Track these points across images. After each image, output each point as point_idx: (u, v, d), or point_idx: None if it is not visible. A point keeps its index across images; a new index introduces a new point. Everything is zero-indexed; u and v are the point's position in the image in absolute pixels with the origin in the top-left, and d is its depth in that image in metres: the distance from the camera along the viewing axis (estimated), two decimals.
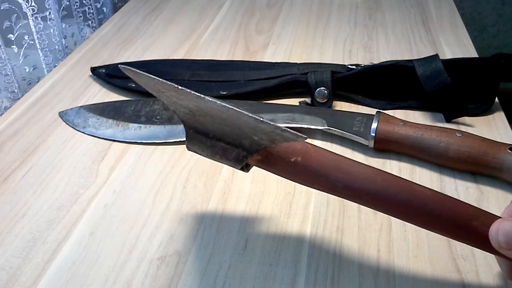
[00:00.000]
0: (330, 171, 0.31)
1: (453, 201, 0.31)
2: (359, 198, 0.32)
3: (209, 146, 0.32)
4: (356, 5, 0.90)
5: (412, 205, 0.31)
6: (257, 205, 0.45)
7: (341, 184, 0.31)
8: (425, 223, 0.32)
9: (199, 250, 0.41)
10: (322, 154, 0.32)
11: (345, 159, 0.32)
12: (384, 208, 0.32)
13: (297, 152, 0.31)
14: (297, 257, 0.40)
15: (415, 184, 0.32)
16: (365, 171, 0.32)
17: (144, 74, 0.32)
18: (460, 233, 0.31)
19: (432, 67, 0.55)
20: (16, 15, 0.71)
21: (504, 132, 0.54)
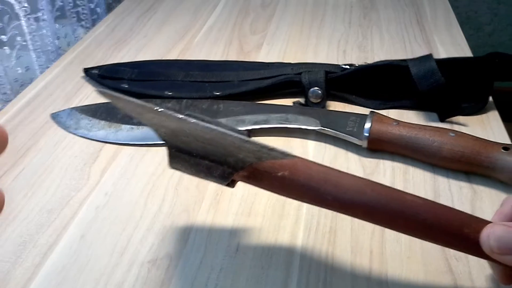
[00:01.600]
0: (319, 184, 0.31)
1: (444, 208, 0.31)
2: (350, 210, 0.31)
3: (192, 164, 0.32)
4: (351, 5, 0.89)
5: (404, 215, 0.30)
6: (250, 206, 0.45)
7: (330, 197, 0.31)
8: (418, 233, 0.31)
9: (190, 253, 0.41)
10: (309, 167, 0.31)
11: (334, 171, 0.32)
12: (376, 219, 0.31)
13: (284, 166, 0.31)
14: (289, 260, 0.40)
15: (406, 194, 0.31)
16: (354, 182, 0.31)
17: (122, 97, 0.31)
18: (452, 241, 0.31)
19: (426, 67, 0.55)
20: (8, 15, 0.70)
21: (497, 132, 0.54)
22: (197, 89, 0.61)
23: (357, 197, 0.31)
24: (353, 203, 0.31)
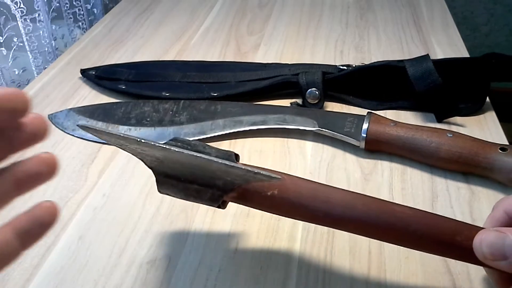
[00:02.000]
0: (308, 201, 0.31)
1: (435, 218, 0.31)
2: (341, 225, 0.32)
3: (181, 189, 0.32)
4: (348, 5, 0.89)
5: (395, 227, 0.31)
6: (248, 207, 0.45)
7: (321, 213, 0.31)
8: (410, 244, 0.32)
9: (189, 254, 0.41)
10: (299, 184, 0.32)
11: (323, 187, 0.32)
12: (367, 233, 0.32)
13: (273, 185, 0.31)
14: (288, 260, 0.40)
15: (395, 205, 0.31)
16: (344, 197, 0.31)
17: (104, 131, 0.32)
18: (446, 250, 0.31)
19: (423, 67, 0.55)
20: (4, 17, 0.70)
21: (495, 132, 0.54)
22: (195, 90, 0.61)
23: (347, 212, 0.31)
24: (343, 218, 0.31)
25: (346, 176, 0.48)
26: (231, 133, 0.53)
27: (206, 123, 0.54)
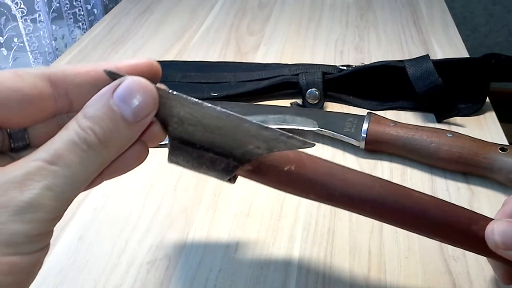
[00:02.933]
0: (325, 179, 0.30)
1: (452, 206, 0.31)
2: (357, 206, 0.31)
3: (195, 157, 0.30)
4: (348, 6, 0.89)
5: (412, 212, 0.30)
6: (248, 207, 0.45)
7: (337, 192, 0.30)
8: (425, 230, 0.31)
9: (189, 254, 0.41)
10: (316, 161, 0.31)
11: (340, 167, 0.31)
12: (383, 216, 0.31)
13: (290, 160, 0.30)
14: (288, 260, 0.40)
15: (413, 190, 0.31)
16: (362, 177, 0.31)
17: None
18: (460, 239, 0.31)
19: (423, 68, 0.55)
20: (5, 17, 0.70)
21: (495, 132, 0.54)
22: (195, 90, 0.61)
23: (365, 192, 0.30)
24: (360, 199, 0.30)
25: None
26: None
27: None
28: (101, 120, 0.22)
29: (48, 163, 0.21)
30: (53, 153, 0.21)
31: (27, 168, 0.21)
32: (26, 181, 0.20)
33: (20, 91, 0.23)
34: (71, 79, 0.24)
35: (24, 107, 0.23)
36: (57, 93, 0.24)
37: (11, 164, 0.21)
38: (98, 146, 0.22)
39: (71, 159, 0.21)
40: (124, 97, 0.22)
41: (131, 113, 0.22)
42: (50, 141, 0.22)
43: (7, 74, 0.23)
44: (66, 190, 0.21)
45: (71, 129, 0.22)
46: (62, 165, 0.21)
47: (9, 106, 0.23)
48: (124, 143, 0.23)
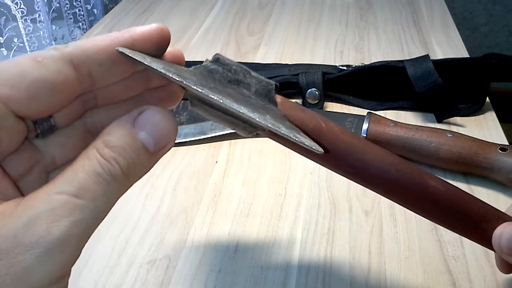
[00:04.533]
0: (342, 156, 0.29)
1: (467, 199, 0.30)
2: (370, 185, 0.30)
3: (215, 115, 0.30)
4: (348, 6, 0.89)
5: (423, 200, 0.30)
6: (248, 207, 0.45)
7: (352, 170, 0.30)
8: (435, 219, 0.30)
9: (189, 254, 0.41)
10: (336, 135, 0.29)
11: (362, 144, 0.30)
12: (394, 199, 0.31)
13: (309, 130, 0.29)
14: (288, 260, 0.40)
15: (430, 178, 0.30)
16: (380, 160, 0.29)
17: (148, 61, 0.29)
18: (467, 233, 0.31)
19: (423, 68, 0.55)
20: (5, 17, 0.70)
21: (495, 132, 0.54)
22: None
23: (379, 175, 0.29)
24: (374, 181, 0.30)
25: None
26: (231, 133, 0.54)
27: (206, 123, 0.54)
28: (124, 150, 0.21)
29: (74, 196, 0.20)
30: (78, 185, 0.20)
31: (52, 202, 0.20)
32: (52, 217, 0.19)
33: (46, 81, 0.21)
34: (92, 58, 0.23)
35: (52, 96, 0.22)
36: (81, 75, 0.23)
37: (32, 196, 0.20)
38: (121, 178, 0.21)
39: (97, 191, 0.20)
40: (146, 126, 0.22)
41: (153, 143, 0.22)
42: (72, 171, 0.20)
43: (26, 62, 0.21)
44: (90, 225, 0.20)
45: (93, 158, 0.21)
46: (88, 198, 0.20)
47: (37, 98, 0.22)
48: (142, 173, 0.23)
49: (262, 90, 0.30)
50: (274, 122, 0.26)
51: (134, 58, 0.23)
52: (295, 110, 0.30)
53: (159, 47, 0.25)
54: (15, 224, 0.19)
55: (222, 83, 0.29)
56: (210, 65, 0.29)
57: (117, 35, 0.24)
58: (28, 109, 0.22)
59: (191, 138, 0.54)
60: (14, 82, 0.21)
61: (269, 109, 0.28)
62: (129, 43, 0.24)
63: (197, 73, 0.28)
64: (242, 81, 0.30)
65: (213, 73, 0.29)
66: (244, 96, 0.29)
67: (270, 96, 0.30)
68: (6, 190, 0.21)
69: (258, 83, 0.30)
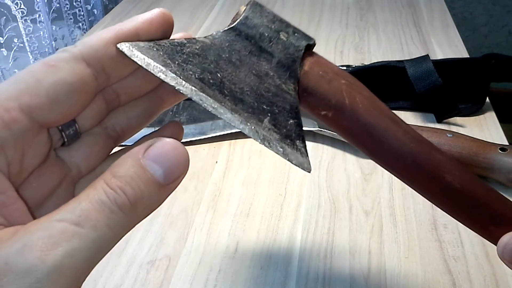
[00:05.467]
0: (360, 136, 0.28)
1: (481, 197, 0.29)
2: (384, 167, 0.30)
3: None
4: (348, 6, 0.90)
5: (435, 192, 0.29)
6: (248, 207, 0.45)
7: (367, 151, 0.29)
8: (445, 209, 0.30)
9: (189, 254, 0.41)
10: (356, 114, 0.28)
11: (383, 124, 0.28)
12: (406, 183, 0.30)
13: (330, 107, 0.28)
14: (288, 260, 0.40)
15: (448, 173, 0.29)
16: (398, 146, 0.28)
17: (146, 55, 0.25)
18: (475, 230, 0.30)
19: (423, 68, 0.55)
20: (5, 17, 0.70)
21: (495, 132, 0.54)
22: None
23: (394, 162, 0.29)
24: (388, 165, 0.29)
25: (346, 176, 0.48)
26: (231, 133, 0.54)
27: (206, 124, 0.54)
28: (132, 180, 0.20)
29: (73, 224, 0.19)
30: (79, 213, 0.19)
31: (50, 229, 0.18)
32: (48, 245, 0.18)
33: (63, 83, 0.21)
34: (103, 52, 0.23)
35: (71, 97, 0.22)
36: (95, 71, 0.23)
37: (33, 222, 0.19)
38: (127, 208, 0.20)
39: (99, 220, 0.19)
40: (157, 158, 0.21)
41: (163, 175, 0.21)
42: (76, 200, 0.20)
43: (40, 69, 0.21)
44: (89, 257, 0.19)
45: (99, 187, 0.20)
46: (88, 227, 0.19)
47: (58, 102, 0.21)
48: (152, 206, 0.22)
49: (285, 60, 0.27)
50: (266, 135, 0.25)
51: (130, 58, 0.23)
52: (320, 82, 0.28)
53: (163, 31, 0.25)
54: (8, 250, 0.18)
55: (240, 58, 0.27)
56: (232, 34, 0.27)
57: (121, 26, 0.24)
58: (51, 115, 0.22)
59: (191, 138, 0.54)
60: (33, 90, 0.21)
61: (278, 99, 0.26)
62: (133, 33, 0.24)
63: (213, 47, 0.26)
64: (265, 50, 0.27)
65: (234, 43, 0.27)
66: (258, 78, 0.27)
67: (292, 69, 0.27)
68: (12, 216, 0.21)
69: (284, 50, 0.27)
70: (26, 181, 0.23)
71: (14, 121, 0.20)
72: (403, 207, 0.45)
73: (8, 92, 0.21)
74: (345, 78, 0.29)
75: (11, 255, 0.18)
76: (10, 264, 0.18)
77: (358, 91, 0.29)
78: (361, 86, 0.29)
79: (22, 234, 0.18)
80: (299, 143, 0.26)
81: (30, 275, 0.18)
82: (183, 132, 0.28)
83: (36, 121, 0.21)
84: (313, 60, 0.28)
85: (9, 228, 0.19)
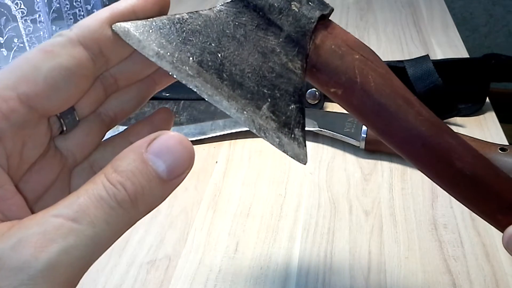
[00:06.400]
0: (369, 116, 0.28)
1: (493, 186, 0.28)
2: (392, 146, 0.29)
3: None
4: (348, 6, 0.89)
5: (443, 178, 0.28)
6: (248, 207, 0.45)
7: (376, 131, 0.28)
8: (451, 193, 0.29)
9: (189, 254, 0.41)
10: (367, 92, 0.27)
11: (392, 107, 0.27)
12: (414, 166, 0.29)
13: (340, 84, 0.27)
14: (288, 260, 0.40)
15: (458, 159, 0.28)
16: (408, 129, 0.27)
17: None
18: (482, 217, 0.30)
19: (423, 68, 0.55)
20: (5, 17, 0.70)
21: (495, 132, 0.54)
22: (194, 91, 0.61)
23: (403, 145, 0.28)
24: (397, 148, 0.28)
25: (346, 176, 0.48)
26: (231, 133, 0.54)
27: (206, 124, 0.54)
28: (133, 175, 0.19)
29: (70, 220, 0.18)
30: (76, 209, 0.18)
31: (46, 225, 0.18)
32: (42, 241, 0.18)
33: (60, 68, 0.21)
34: (100, 33, 0.22)
35: (70, 82, 0.21)
36: (93, 54, 0.22)
37: (29, 217, 0.19)
38: (127, 204, 0.19)
39: (97, 216, 0.18)
40: (160, 152, 0.20)
41: (166, 170, 0.20)
42: (74, 195, 0.19)
43: (36, 55, 0.21)
44: (85, 254, 0.19)
45: (98, 182, 0.19)
46: (85, 223, 0.18)
47: (56, 89, 0.21)
48: (154, 203, 0.21)
49: (295, 34, 0.26)
50: (262, 124, 0.24)
51: (125, 41, 0.22)
52: (331, 57, 0.27)
53: (160, 7, 0.24)
54: (2, 245, 0.17)
55: (245, 32, 0.25)
56: (239, 5, 0.25)
57: (116, 5, 0.23)
58: (50, 103, 0.21)
59: (191, 138, 0.54)
60: (30, 77, 0.20)
61: (282, 81, 0.25)
62: (130, 11, 0.23)
63: (216, 22, 0.25)
64: (274, 23, 0.25)
65: (240, 15, 0.25)
66: (263, 57, 0.25)
67: (302, 44, 0.26)
68: (10, 211, 0.20)
69: (294, 22, 0.26)
70: (26, 174, 0.22)
71: (13, 111, 0.20)
72: (403, 207, 0.45)
73: (4, 81, 0.20)
74: (360, 52, 0.28)
75: (5, 251, 0.17)
76: (4, 260, 0.17)
77: (372, 67, 0.27)
78: (377, 61, 0.28)
79: (18, 229, 0.18)
80: (297, 131, 0.25)
81: (23, 272, 0.17)
82: (173, 119, 0.27)
83: (35, 110, 0.21)
84: (326, 32, 0.27)
85: (5, 223, 0.19)
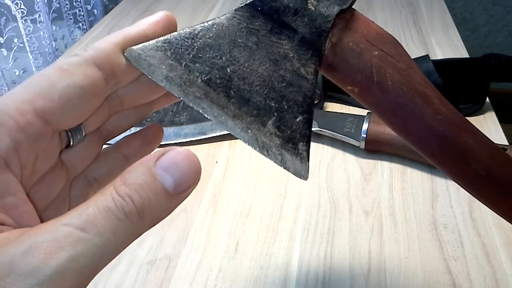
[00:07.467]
0: (385, 113, 0.28)
1: (506, 185, 0.28)
2: (409, 143, 0.29)
3: None
4: None
5: (457, 176, 0.28)
6: (248, 207, 0.45)
7: (393, 128, 0.28)
8: (466, 190, 0.29)
9: (189, 254, 0.41)
10: (383, 93, 0.27)
11: (407, 103, 0.27)
12: (430, 161, 0.29)
13: (357, 82, 0.27)
14: (288, 260, 0.40)
15: (474, 160, 0.27)
16: (424, 128, 0.27)
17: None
18: (495, 211, 0.30)
19: (423, 68, 0.55)
20: (5, 17, 0.70)
21: (495, 132, 0.54)
22: None
23: (418, 143, 0.28)
24: (413, 145, 0.28)
25: (346, 177, 0.49)
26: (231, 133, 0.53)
27: (206, 124, 0.54)
28: (141, 188, 0.20)
29: (79, 229, 0.19)
30: (85, 218, 0.19)
31: (56, 233, 0.19)
32: (53, 248, 0.18)
33: (75, 87, 0.22)
34: (113, 56, 0.23)
35: (83, 100, 0.22)
36: (106, 75, 0.23)
37: (40, 225, 0.19)
38: (134, 216, 0.20)
39: (104, 227, 0.19)
40: (168, 167, 0.21)
41: (173, 184, 0.21)
42: (84, 205, 0.20)
43: (53, 73, 0.22)
44: (92, 262, 0.19)
45: (107, 194, 0.20)
46: (93, 233, 0.19)
47: (71, 105, 0.22)
48: (160, 216, 0.22)
49: (309, 36, 0.25)
50: (266, 142, 0.24)
51: (137, 68, 0.23)
52: (348, 56, 0.27)
53: (169, 30, 0.25)
54: (14, 251, 0.18)
55: (258, 39, 0.25)
56: (252, 9, 0.25)
57: (128, 30, 0.24)
58: (64, 118, 0.22)
59: (191, 138, 0.54)
60: (46, 93, 0.21)
61: (292, 90, 0.25)
62: (142, 36, 0.24)
63: (229, 30, 0.25)
64: (288, 25, 0.25)
65: (253, 20, 0.25)
66: (274, 65, 0.25)
67: (316, 46, 0.25)
68: (22, 218, 0.21)
69: (310, 23, 0.25)
70: (36, 184, 0.23)
71: (29, 124, 0.21)
72: (403, 207, 0.45)
73: (22, 96, 0.21)
74: (380, 47, 0.27)
75: (16, 256, 0.18)
76: (14, 265, 0.18)
77: (391, 63, 0.27)
78: (398, 55, 0.28)
79: (28, 236, 0.19)
80: (301, 145, 0.25)
81: (32, 277, 0.18)
82: (163, 134, 0.28)
83: (50, 124, 0.22)
84: (345, 28, 0.27)
85: (17, 229, 0.20)
